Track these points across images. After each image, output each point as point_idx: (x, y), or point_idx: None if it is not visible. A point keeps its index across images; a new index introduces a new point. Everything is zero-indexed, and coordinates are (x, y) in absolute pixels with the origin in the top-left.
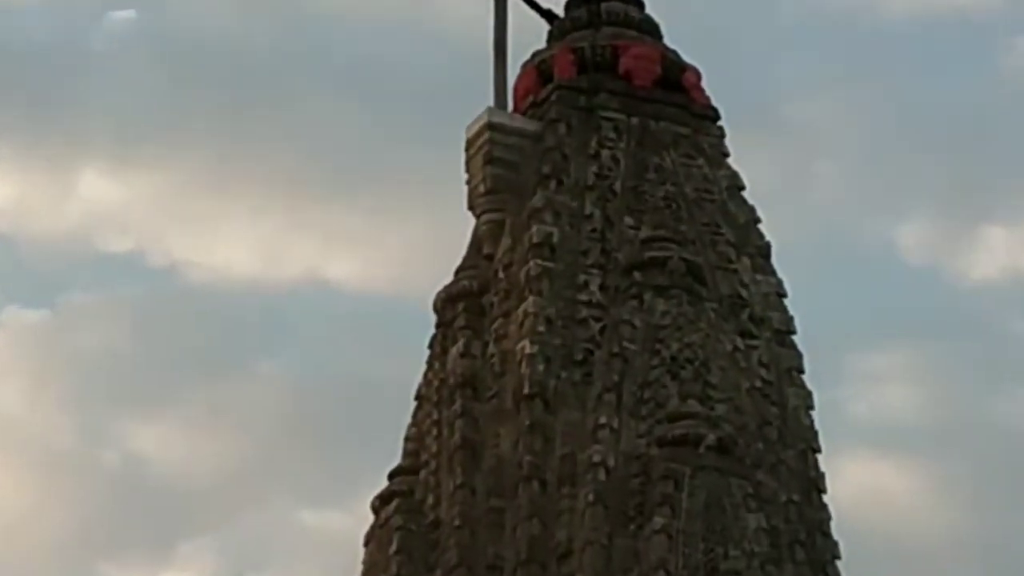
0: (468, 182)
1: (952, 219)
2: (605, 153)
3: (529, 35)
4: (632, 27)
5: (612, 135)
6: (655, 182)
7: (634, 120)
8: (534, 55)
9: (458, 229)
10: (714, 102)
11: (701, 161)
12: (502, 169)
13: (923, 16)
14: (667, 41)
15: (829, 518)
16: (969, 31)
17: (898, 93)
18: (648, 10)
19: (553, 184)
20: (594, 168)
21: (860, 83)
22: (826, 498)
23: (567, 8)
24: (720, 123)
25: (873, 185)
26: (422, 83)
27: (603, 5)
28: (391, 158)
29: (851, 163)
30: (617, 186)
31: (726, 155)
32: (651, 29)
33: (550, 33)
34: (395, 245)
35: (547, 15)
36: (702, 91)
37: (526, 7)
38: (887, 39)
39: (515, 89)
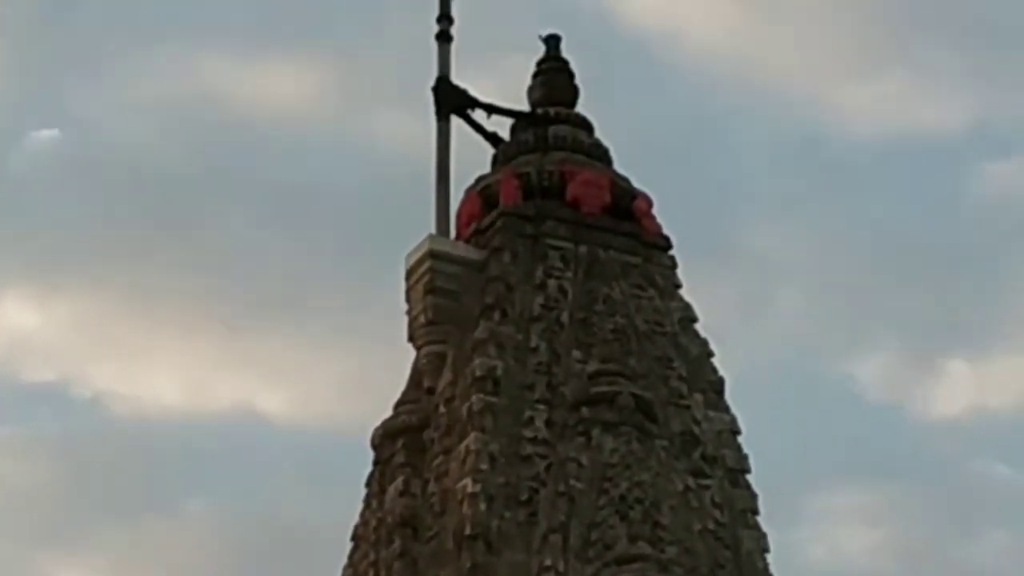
0: (409, 312)
1: (915, 353)
2: (552, 283)
3: (473, 159)
4: (581, 152)
5: (559, 264)
6: (604, 314)
7: (582, 249)
8: (478, 180)
9: (398, 361)
10: (666, 230)
11: (652, 292)
12: (444, 299)
13: (887, 140)
14: (617, 166)
15: None
16: (935, 156)
17: (861, 220)
18: (598, 134)
19: (497, 315)
20: (540, 299)
21: (821, 209)
22: None
23: (513, 132)
24: (672, 252)
25: (833, 316)
26: (360, 207)
27: (551, 129)
28: (327, 285)
29: (810, 293)
30: (564, 318)
31: (678, 286)
32: (601, 154)
33: (495, 157)
34: (331, 377)
35: (492, 138)
36: (653, 219)
37: (470, 130)
38: (849, 163)
39: (458, 215)
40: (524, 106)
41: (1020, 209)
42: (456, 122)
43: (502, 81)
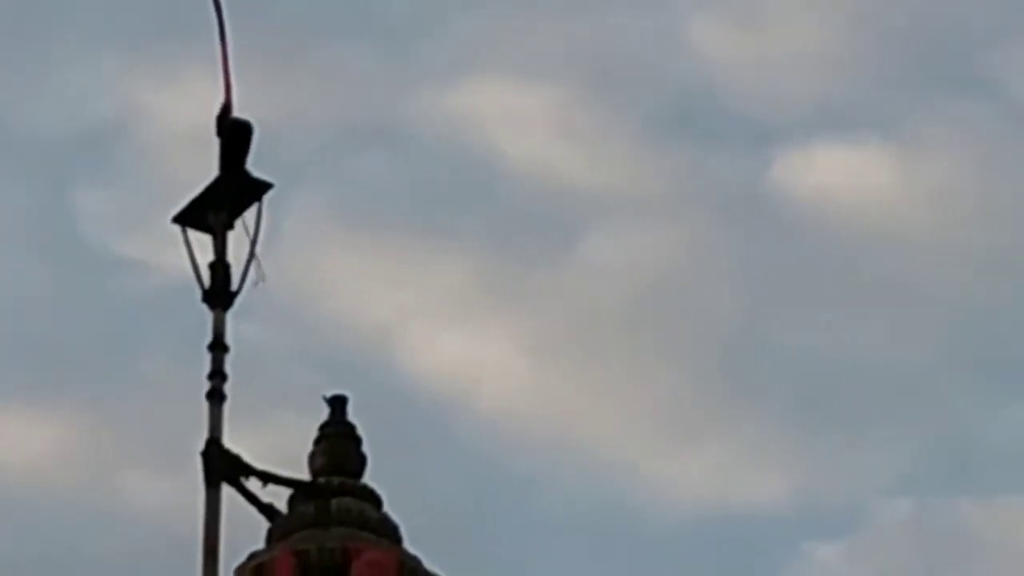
0: None
1: None
2: None
3: (245, 533)
4: (367, 528)
5: None
6: None
7: None
8: (250, 557)
9: None
10: None
11: None
12: None
13: (703, 515)
14: (408, 544)
15: None
16: (756, 534)
17: None
18: (387, 507)
19: None
20: None
21: None
22: None
23: (291, 503)
24: None
25: None
26: None
27: (334, 501)
28: None
29: None
30: None
31: None
32: (389, 530)
33: (270, 532)
34: None
35: (267, 510)
36: None
37: (243, 500)
38: (661, 539)
39: None
40: (304, 474)
41: None
42: (227, 491)
43: (280, 446)
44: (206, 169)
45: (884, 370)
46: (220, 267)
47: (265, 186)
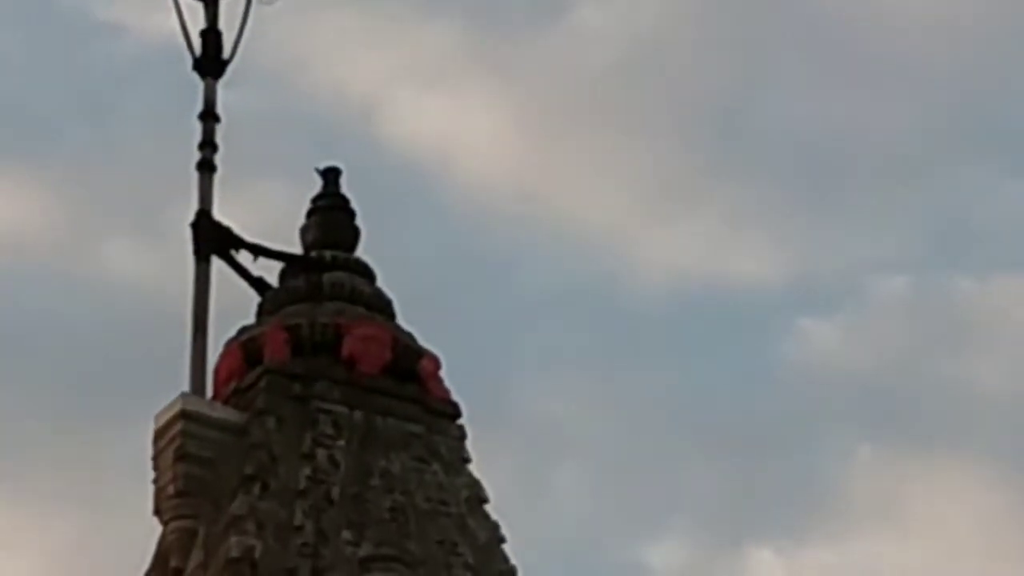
0: (155, 481)
1: (716, 539)
2: (321, 453)
3: (235, 306)
4: (360, 302)
5: (330, 431)
6: (380, 489)
7: (357, 414)
8: (240, 331)
9: (141, 537)
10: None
11: (436, 466)
12: (196, 467)
13: (691, 290)
14: (401, 321)
15: None
16: (746, 311)
17: (656, 382)
18: (380, 283)
19: (257, 488)
20: (307, 470)
21: (612, 367)
22: None
23: (282, 277)
24: (461, 421)
25: (622, 493)
26: (100, 357)
27: (325, 276)
28: (56, 447)
29: (597, 466)
30: (334, 493)
31: (467, 460)
32: (382, 306)
33: (260, 306)
34: (59, 555)
35: (257, 284)
36: (440, 382)
37: (233, 273)
38: (646, 315)
39: (216, 371)
40: (296, 248)
41: (841, 373)
42: (217, 264)
43: (271, 218)
44: None
45: (880, 146)
46: (212, 35)
47: None
